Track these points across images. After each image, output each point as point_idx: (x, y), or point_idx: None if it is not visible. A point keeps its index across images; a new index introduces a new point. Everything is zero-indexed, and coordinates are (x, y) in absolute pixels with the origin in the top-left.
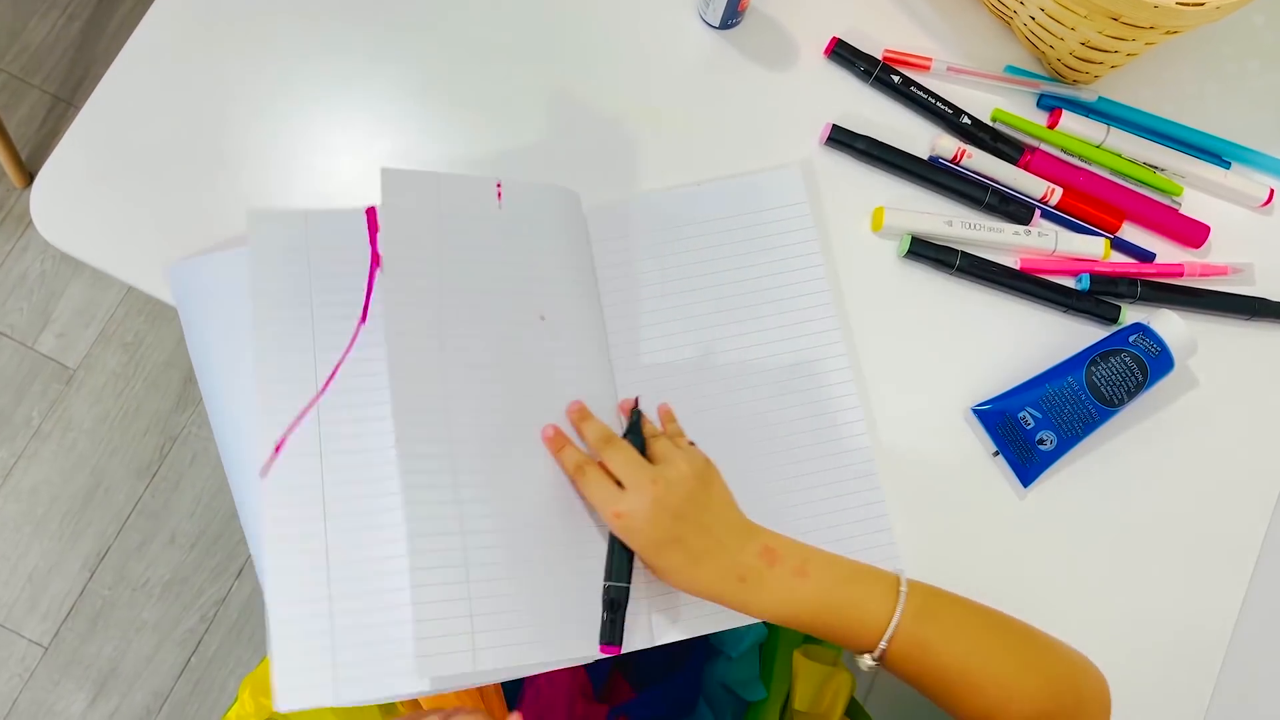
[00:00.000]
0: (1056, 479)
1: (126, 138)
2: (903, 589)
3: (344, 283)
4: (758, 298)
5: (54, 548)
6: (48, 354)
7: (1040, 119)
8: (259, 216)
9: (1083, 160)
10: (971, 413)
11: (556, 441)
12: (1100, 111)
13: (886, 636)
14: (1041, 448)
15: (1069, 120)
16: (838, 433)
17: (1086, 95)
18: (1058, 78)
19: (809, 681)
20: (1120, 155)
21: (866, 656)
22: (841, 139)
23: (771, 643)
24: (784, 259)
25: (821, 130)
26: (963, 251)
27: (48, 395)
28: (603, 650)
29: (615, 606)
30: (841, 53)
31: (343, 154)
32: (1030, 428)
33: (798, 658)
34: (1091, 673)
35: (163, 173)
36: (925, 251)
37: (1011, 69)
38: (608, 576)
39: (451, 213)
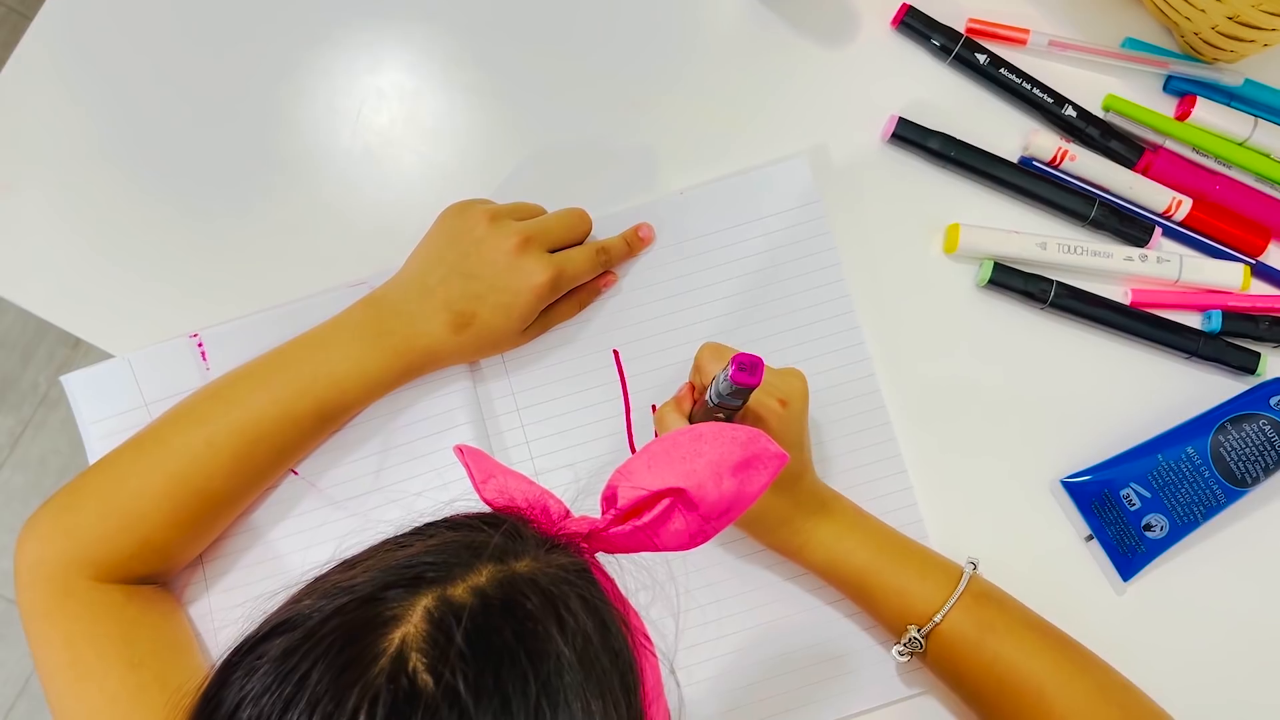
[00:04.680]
0: (1163, 570)
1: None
2: (967, 573)
3: None
4: (761, 329)
5: None
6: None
7: (1167, 108)
8: (74, 380)
9: (1220, 162)
10: (1061, 486)
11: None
12: (1245, 99)
13: (941, 613)
14: (1149, 534)
15: (1204, 110)
16: (880, 505)
17: (1229, 78)
18: (1193, 55)
19: None
20: (1269, 156)
21: (900, 646)
22: (909, 136)
23: None
24: (790, 278)
25: (885, 124)
26: (1058, 281)
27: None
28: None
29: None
30: (913, 23)
31: (319, 151)
32: (1135, 509)
33: None
34: None
35: (84, 175)
36: (1011, 281)
37: (1131, 43)
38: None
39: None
